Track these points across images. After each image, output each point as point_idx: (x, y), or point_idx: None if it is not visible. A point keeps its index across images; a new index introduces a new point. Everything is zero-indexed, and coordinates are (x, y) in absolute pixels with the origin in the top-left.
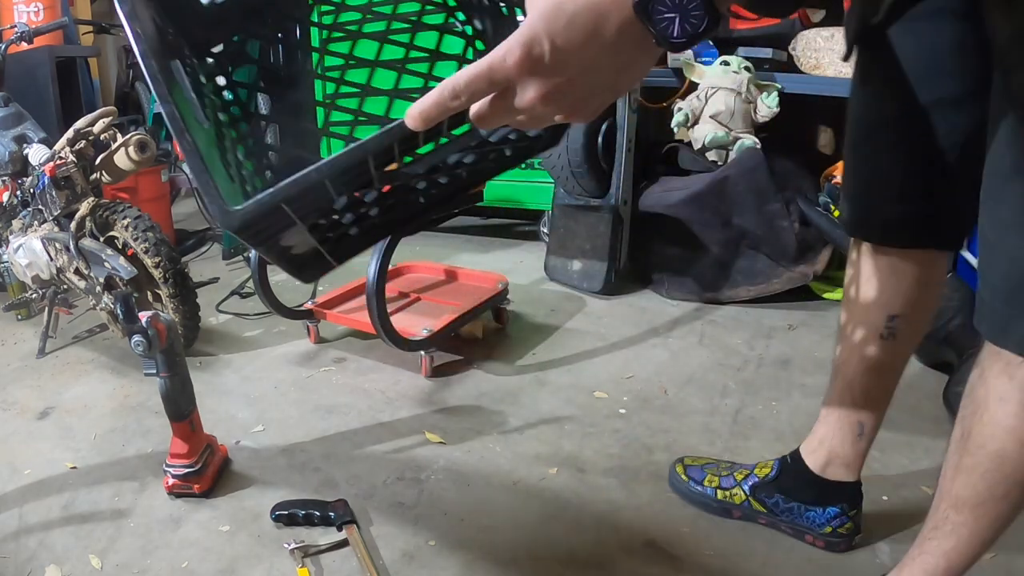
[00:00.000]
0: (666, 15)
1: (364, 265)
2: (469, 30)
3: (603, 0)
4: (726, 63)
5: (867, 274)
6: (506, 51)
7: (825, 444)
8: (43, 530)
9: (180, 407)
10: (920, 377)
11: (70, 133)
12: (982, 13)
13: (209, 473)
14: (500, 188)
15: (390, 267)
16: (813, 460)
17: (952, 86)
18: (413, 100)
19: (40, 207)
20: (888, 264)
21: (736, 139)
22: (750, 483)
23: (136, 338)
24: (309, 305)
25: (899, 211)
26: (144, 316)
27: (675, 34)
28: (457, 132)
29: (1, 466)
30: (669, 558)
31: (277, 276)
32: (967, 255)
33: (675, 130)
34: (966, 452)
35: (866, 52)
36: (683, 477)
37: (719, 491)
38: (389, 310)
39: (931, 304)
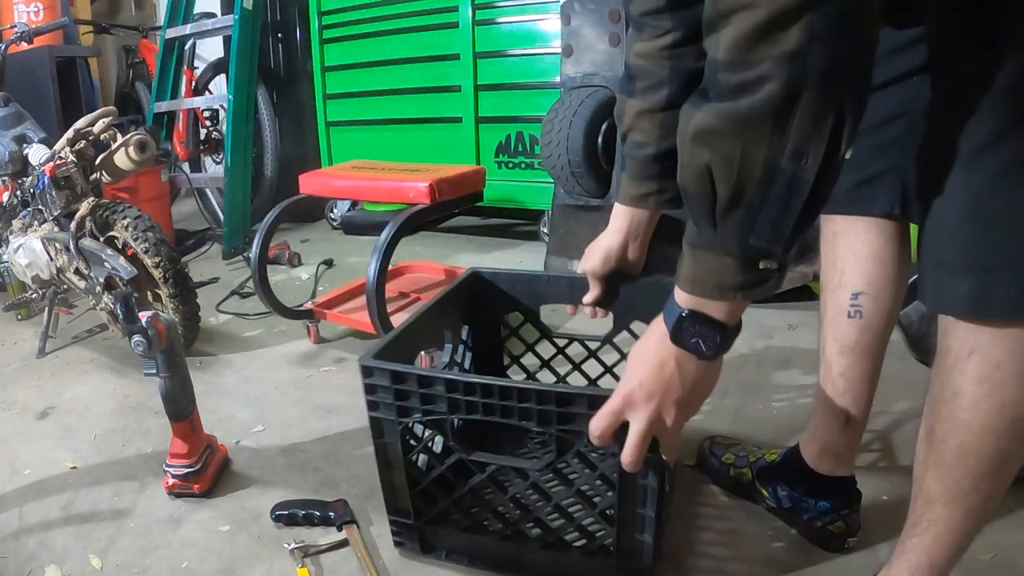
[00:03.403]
0: (691, 339)
1: (364, 265)
2: None
3: (659, 345)
4: None
5: (829, 254)
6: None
7: (817, 436)
8: (43, 530)
9: (180, 407)
10: (920, 377)
11: (70, 133)
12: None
13: (209, 473)
14: (500, 188)
15: (390, 267)
16: (808, 452)
17: (900, 65)
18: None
19: (40, 207)
20: (844, 241)
21: None
22: (758, 466)
23: (136, 338)
24: (309, 305)
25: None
26: (144, 316)
27: (704, 349)
28: None
29: (1, 466)
30: (668, 558)
31: (277, 276)
32: None
33: None
34: (931, 449)
35: None
36: (707, 452)
37: (732, 468)
38: (389, 310)
39: (895, 282)
